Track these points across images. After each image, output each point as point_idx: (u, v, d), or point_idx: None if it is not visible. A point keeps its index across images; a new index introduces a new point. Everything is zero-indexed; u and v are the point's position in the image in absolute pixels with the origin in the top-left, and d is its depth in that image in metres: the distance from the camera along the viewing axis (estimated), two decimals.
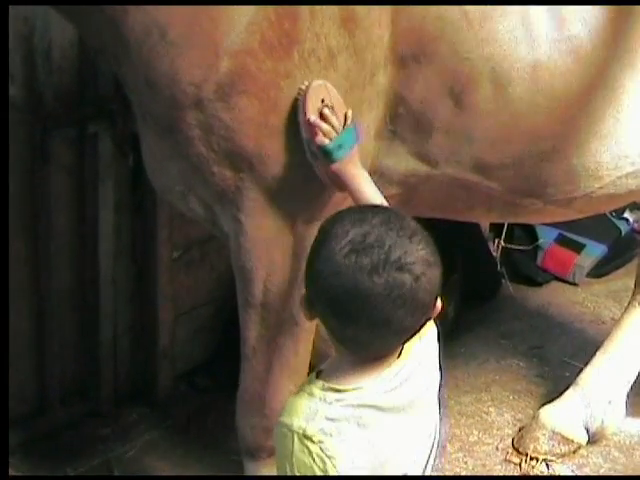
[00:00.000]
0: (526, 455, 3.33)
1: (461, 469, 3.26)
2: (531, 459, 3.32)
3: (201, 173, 2.25)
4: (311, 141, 2.17)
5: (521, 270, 4.43)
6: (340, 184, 2.20)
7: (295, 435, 1.73)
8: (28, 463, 3.15)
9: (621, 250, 4.46)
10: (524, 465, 3.30)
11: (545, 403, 3.47)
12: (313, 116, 2.15)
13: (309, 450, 1.72)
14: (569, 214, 2.90)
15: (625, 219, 4.56)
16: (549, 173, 2.61)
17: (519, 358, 3.84)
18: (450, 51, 2.33)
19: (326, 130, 2.15)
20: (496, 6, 2.33)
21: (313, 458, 1.72)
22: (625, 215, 4.56)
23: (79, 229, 3.15)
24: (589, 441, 3.39)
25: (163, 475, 3.04)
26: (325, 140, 2.15)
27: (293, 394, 1.85)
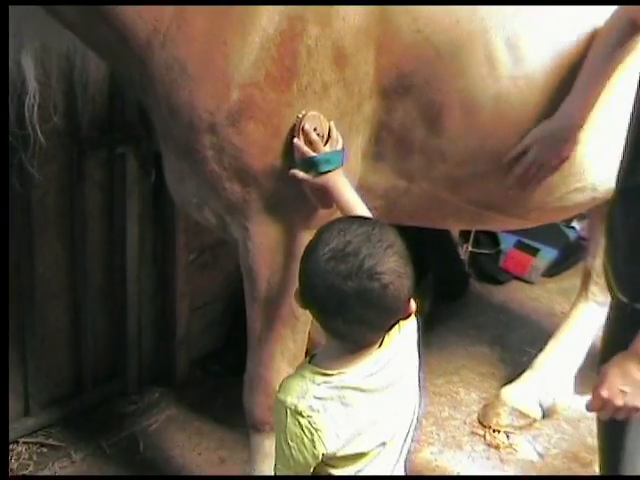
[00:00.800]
0: (489, 427, 3.34)
1: (434, 440, 3.27)
2: (494, 431, 3.33)
3: (214, 188, 2.25)
4: (301, 159, 2.13)
5: (486, 271, 4.42)
6: (325, 199, 2.15)
7: (288, 410, 1.74)
8: (67, 435, 3.15)
9: (570, 254, 4.46)
10: (488, 436, 3.31)
11: (506, 384, 3.49)
12: (304, 129, 2.11)
13: (299, 423, 1.73)
14: (526, 224, 2.90)
15: (573, 227, 4.56)
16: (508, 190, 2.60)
17: (484, 346, 3.84)
18: (425, 84, 2.32)
19: (314, 140, 2.11)
20: (464, 44, 2.33)
21: (303, 430, 1.73)
22: (573, 224, 4.56)
23: (109, 237, 3.14)
24: (543, 416, 3.41)
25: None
26: (312, 152, 2.11)
27: (289, 375, 1.87)
